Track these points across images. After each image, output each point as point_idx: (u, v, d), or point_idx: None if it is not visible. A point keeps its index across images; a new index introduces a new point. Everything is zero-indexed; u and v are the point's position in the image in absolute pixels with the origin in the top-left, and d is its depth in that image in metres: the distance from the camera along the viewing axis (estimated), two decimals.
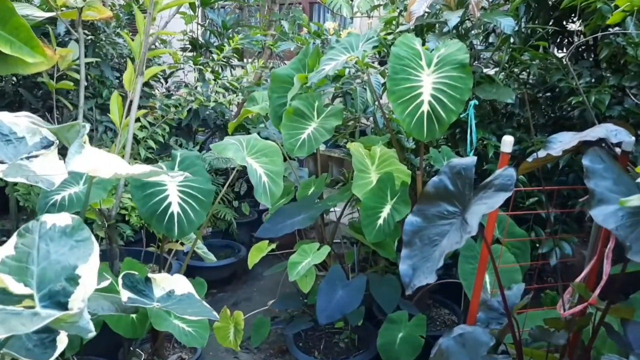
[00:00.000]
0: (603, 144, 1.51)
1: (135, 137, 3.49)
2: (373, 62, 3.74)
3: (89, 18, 2.70)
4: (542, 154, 1.64)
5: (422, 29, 3.16)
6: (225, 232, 4.17)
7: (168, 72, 4.38)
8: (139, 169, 1.25)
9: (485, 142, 2.86)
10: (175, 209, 2.03)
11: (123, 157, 2.55)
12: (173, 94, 4.11)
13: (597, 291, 1.51)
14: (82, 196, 1.93)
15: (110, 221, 2.59)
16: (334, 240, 3.12)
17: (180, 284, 1.67)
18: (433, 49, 2.46)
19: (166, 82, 4.42)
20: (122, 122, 2.57)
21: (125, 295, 1.50)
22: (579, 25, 3.35)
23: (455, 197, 1.40)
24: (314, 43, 3.47)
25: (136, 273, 1.63)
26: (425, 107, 2.28)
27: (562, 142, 1.75)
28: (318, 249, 2.50)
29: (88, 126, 1.31)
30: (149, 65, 3.40)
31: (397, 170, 2.56)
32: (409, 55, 2.31)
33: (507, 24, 2.61)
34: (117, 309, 1.58)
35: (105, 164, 1.21)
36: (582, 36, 3.39)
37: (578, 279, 1.61)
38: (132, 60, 2.57)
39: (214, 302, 3.58)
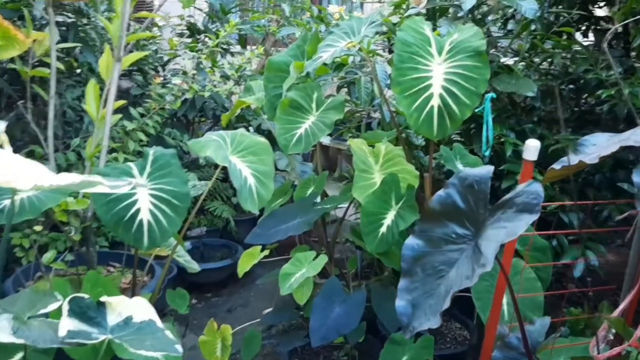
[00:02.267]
0: None
1: (124, 129, 3.25)
2: (384, 51, 3.46)
3: None
4: (573, 160, 1.36)
5: (434, 13, 2.88)
6: (223, 231, 3.93)
7: (166, 59, 4.14)
8: (67, 179, 0.99)
9: (502, 139, 2.57)
10: (145, 215, 1.77)
11: (100, 151, 2.33)
12: (169, 83, 3.86)
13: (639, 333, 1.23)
14: (37, 201, 1.68)
15: (86, 223, 2.36)
16: (337, 240, 2.85)
17: (140, 308, 1.42)
18: (445, 35, 2.18)
19: (163, 69, 4.16)
20: (99, 113, 2.33)
21: (64, 327, 1.25)
22: (608, 11, 3.05)
23: (467, 217, 1.13)
24: (315, 29, 3.19)
25: (86, 296, 1.38)
26: (435, 101, 2.00)
27: (597, 145, 1.46)
28: (314, 259, 2.24)
29: (3, 124, 1.05)
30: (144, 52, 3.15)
31: (404, 171, 2.29)
32: (416, 41, 2.02)
33: (529, 7, 2.33)
34: (62, 341, 1.33)
35: (23, 172, 0.96)
36: (610, 22, 3.09)
37: (616, 313, 1.34)
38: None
39: (207, 307, 3.35)
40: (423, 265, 1.13)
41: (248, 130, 3.78)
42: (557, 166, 1.40)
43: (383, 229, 2.16)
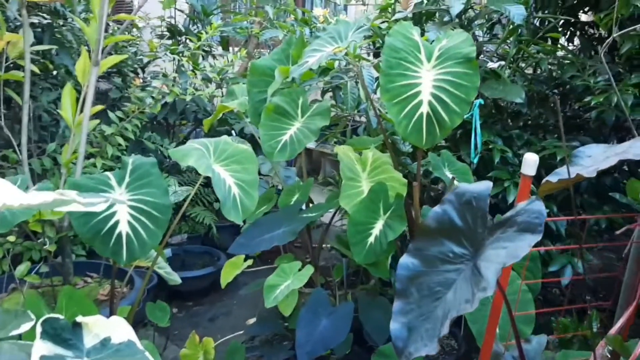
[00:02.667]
0: None
1: (102, 133, 3.15)
2: (368, 54, 3.41)
3: None
4: (571, 172, 1.31)
5: (420, 18, 2.84)
6: (204, 237, 3.84)
7: (145, 61, 4.04)
8: (38, 197, 0.92)
9: (490, 146, 2.53)
10: (123, 228, 1.69)
11: (77, 158, 2.24)
12: (149, 86, 3.77)
13: (638, 350, 1.19)
14: (9, 215, 1.59)
15: (62, 233, 2.27)
16: (323, 245, 2.78)
17: (118, 328, 1.34)
18: (433, 40, 2.13)
19: (143, 72, 4.07)
20: (75, 119, 2.25)
21: (37, 352, 1.17)
22: (592, 16, 3.04)
23: (464, 235, 1.08)
24: (300, 32, 3.12)
25: (61, 317, 1.31)
26: (424, 108, 1.95)
27: (593, 157, 1.42)
28: (299, 270, 2.18)
29: None
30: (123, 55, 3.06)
31: (392, 179, 2.24)
32: (405, 47, 1.97)
33: (517, 12, 2.30)
34: None
35: None
36: (595, 28, 3.08)
37: (613, 330, 1.30)
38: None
39: (189, 316, 3.26)
40: (418, 285, 1.07)
41: (230, 134, 3.71)
42: (552, 179, 1.35)
43: (371, 239, 2.11)
